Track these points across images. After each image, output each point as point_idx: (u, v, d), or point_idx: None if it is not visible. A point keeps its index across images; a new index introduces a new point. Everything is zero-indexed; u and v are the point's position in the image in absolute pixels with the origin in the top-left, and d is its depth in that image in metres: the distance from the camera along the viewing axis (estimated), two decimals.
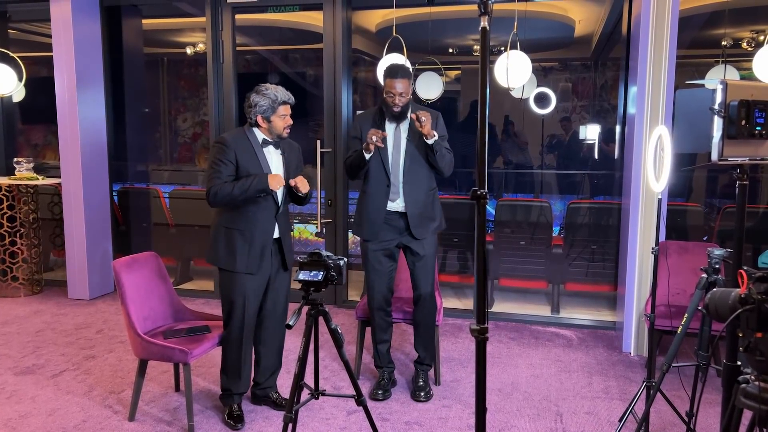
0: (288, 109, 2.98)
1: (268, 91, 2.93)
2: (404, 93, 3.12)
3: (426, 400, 3.35)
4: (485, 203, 1.59)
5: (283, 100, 2.94)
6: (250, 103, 2.94)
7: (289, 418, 2.34)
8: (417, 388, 3.40)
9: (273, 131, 2.98)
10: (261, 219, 2.98)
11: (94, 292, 5.31)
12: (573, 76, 8.89)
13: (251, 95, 2.95)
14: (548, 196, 7.74)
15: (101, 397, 3.38)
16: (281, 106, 2.94)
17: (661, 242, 3.86)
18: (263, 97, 2.92)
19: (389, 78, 3.12)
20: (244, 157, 2.94)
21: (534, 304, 5.23)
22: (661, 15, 3.79)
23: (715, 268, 2.44)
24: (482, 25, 1.52)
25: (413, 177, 3.23)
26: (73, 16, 5.00)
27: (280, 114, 2.95)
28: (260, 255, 2.99)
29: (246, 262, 2.96)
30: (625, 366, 3.85)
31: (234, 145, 2.94)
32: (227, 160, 2.92)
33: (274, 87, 2.96)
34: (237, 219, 2.98)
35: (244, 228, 2.97)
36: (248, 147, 2.96)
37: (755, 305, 1.33)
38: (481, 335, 1.58)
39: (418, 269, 3.34)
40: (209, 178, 2.93)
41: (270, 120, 2.95)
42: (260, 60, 8.79)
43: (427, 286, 3.36)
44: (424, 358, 3.46)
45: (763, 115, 1.74)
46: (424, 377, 3.45)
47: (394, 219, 3.28)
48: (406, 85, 3.12)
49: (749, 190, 5.99)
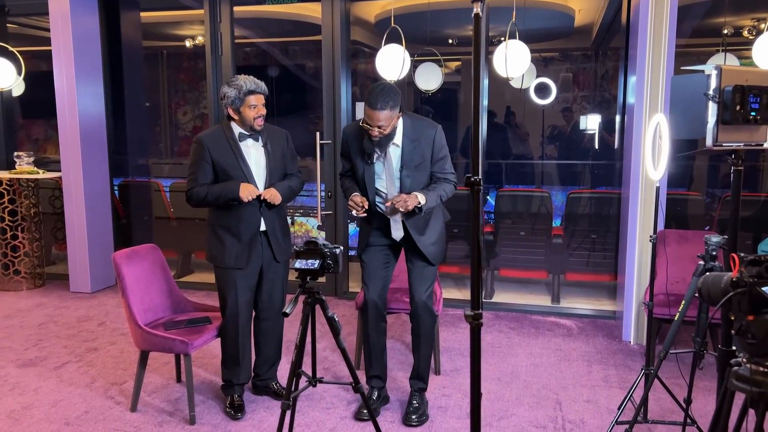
0: (258, 98, 2.89)
1: (237, 82, 2.86)
2: (384, 125, 2.69)
3: (419, 424, 2.96)
4: (479, 190, 1.60)
5: (249, 89, 2.85)
6: (221, 95, 2.90)
7: (287, 405, 2.35)
8: (410, 411, 3.00)
9: (245, 122, 2.91)
10: (245, 214, 2.97)
11: (96, 285, 5.34)
12: (573, 67, 8.87)
13: (222, 87, 2.90)
14: (549, 186, 7.74)
15: (103, 388, 3.40)
16: (250, 96, 2.86)
17: (661, 231, 3.86)
18: (231, 88, 2.86)
19: (367, 106, 2.68)
20: (220, 154, 2.91)
21: (534, 294, 5.24)
22: (660, 4, 3.78)
23: (712, 255, 2.44)
24: (475, 11, 1.52)
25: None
26: (71, 9, 5.00)
27: (249, 104, 2.87)
28: (248, 249, 3.00)
29: (234, 257, 2.98)
30: (625, 355, 3.86)
31: (209, 143, 2.91)
32: (203, 161, 2.91)
33: (244, 77, 2.89)
34: (223, 216, 2.99)
35: (229, 224, 2.98)
36: (224, 143, 2.93)
37: (747, 288, 1.34)
38: (475, 321, 1.59)
39: (414, 272, 3.01)
40: (187, 179, 2.97)
41: (240, 111, 2.89)
42: (260, 52, 8.77)
43: (422, 293, 2.98)
44: (419, 372, 3.09)
45: (758, 100, 1.73)
46: (419, 399, 3.06)
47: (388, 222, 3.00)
48: (383, 117, 2.67)
49: (750, 178, 6.01)
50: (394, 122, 2.75)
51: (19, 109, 6.88)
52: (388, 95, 2.67)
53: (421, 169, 2.89)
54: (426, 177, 2.93)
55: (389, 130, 2.73)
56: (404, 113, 2.86)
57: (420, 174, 2.90)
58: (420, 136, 2.85)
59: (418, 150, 2.86)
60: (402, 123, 2.83)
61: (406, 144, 2.84)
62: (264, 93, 2.94)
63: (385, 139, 2.77)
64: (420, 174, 2.90)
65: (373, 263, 3.05)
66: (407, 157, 2.84)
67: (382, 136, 2.73)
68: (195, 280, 5.66)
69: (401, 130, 2.84)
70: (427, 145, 2.85)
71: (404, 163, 2.85)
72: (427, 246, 2.97)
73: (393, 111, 2.69)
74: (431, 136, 2.86)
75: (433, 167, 2.92)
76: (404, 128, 2.84)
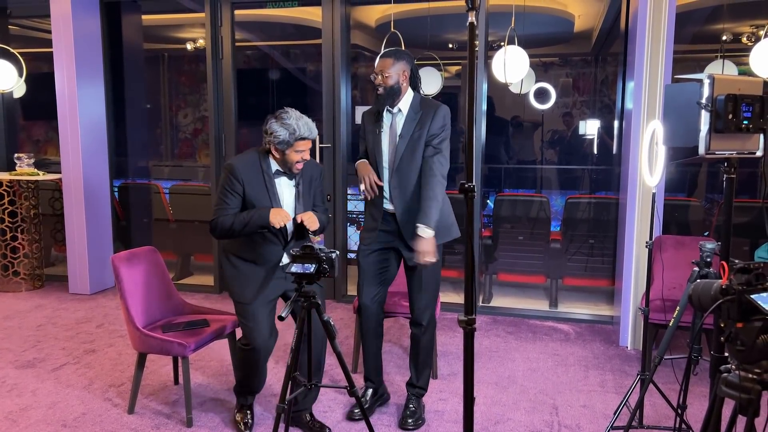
0: (307, 144, 2.69)
1: (289, 122, 2.63)
2: (384, 72, 2.86)
3: (415, 428, 2.99)
4: (473, 197, 1.61)
5: (302, 136, 2.64)
6: (266, 129, 2.67)
7: (282, 408, 2.36)
8: (407, 414, 3.03)
9: (285, 164, 2.73)
10: (266, 250, 2.80)
11: (95, 287, 5.35)
12: (573, 72, 8.89)
13: (270, 121, 2.67)
14: (548, 191, 7.75)
15: (101, 390, 3.41)
16: (299, 141, 2.65)
17: (658, 237, 3.87)
18: (282, 127, 2.63)
19: (378, 58, 2.95)
20: (252, 187, 2.73)
21: (532, 298, 5.25)
22: (658, 10, 3.80)
23: (706, 261, 2.46)
24: (470, 20, 1.54)
25: (402, 179, 2.92)
26: (72, 11, 5.02)
27: (297, 149, 2.67)
28: (262, 283, 2.82)
29: (248, 290, 2.81)
30: (622, 360, 3.87)
31: (243, 174, 2.71)
32: (234, 191, 2.72)
33: (298, 116, 2.66)
34: (239, 246, 2.82)
35: (245, 255, 2.82)
36: (259, 177, 2.74)
37: (736, 296, 1.35)
38: (468, 326, 1.61)
39: (413, 281, 3.00)
40: (215, 207, 2.77)
41: (285, 153, 2.69)
42: (261, 55, 8.81)
43: (421, 301, 2.99)
44: (417, 380, 3.11)
45: (750, 109, 1.75)
46: (416, 402, 3.08)
47: (387, 221, 3.00)
48: (390, 64, 2.87)
49: (749, 184, 6.02)
50: (400, 79, 2.90)
51: (20, 111, 6.91)
52: (397, 50, 2.95)
53: (416, 143, 2.90)
54: (418, 159, 2.91)
55: (392, 81, 2.88)
56: (418, 92, 3.02)
57: (414, 150, 2.90)
58: (425, 110, 2.95)
59: (419, 120, 2.93)
60: (412, 96, 2.98)
61: (410, 114, 2.96)
62: (314, 139, 2.74)
63: (389, 92, 2.89)
64: (414, 150, 2.90)
65: (368, 267, 3.04)
66: (408, 124, 2.94)
67: (385, 85, 2.88)
68: (194, 282, 5.67)
69: (409, 101, 2.97)
70: (427, 119, 2.92)
71: (404, 132, 2.93)
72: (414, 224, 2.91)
73: (397, 63, 2.88)
74: (434, 110, 2.93)
75: (428, 139, 2.90)
76: (413, 101, 2.97)
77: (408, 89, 2.95)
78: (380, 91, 2.90)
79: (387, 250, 3.05)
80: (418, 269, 2.95)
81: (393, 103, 2.93)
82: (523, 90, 6.10)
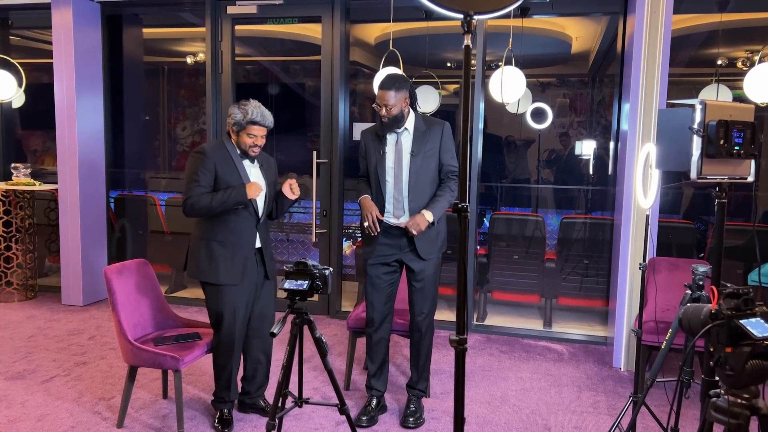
0: (260, 130, 2.94)
1: (246, 107, 2.91)
2: (389, 104, 3.01)
3: (415, 426, 3.16)
4: (466, 217, 1.62)
5: (253, 119, 2.90)
6: (228, 112, 2.97)
7: (272, 425, 2.35)
8: (408, 414, 3.21)
9: (240, 146, 2.97)
10: (241, 229, 2.96)
11: (88, 299, 5.33)
12: (570, 92, 8.96)
13: (232, 106, 2.97)
14: (544, 210, 7.77)
15: (91, 403, 3.39)
16: (252, 125, 2.91)
17: (652, 258, 3.88)
18: (239, 110, 2.92)
19: (378, 89, 3.08)
20: (223, 167, 2.93)
21: (526, 318, 5.24)
22: (654, 34, 3.84)
23: (699, 284, 2.46)
24: (465, 43, 1.55)
25: (419, 194, 3.10)
26: (74, 23, 5.06)
27: (249, 132, 2.92)
28: (243, 266, 2.98)
29: (229, 273, 2.94)
30: (615, 381, 3.86)
31: (213, 155, 2.93)
32: (207, 169, 2.90)
33: (256, 105, 2.93)
34: (217, 230, 2.96)
35: (224, 239, 2.95)
36: (227, 157, 2.96)
37: (725, 320, 1.36)
38: (460, 346, 1.61)
39: (416, 292, 3.18)
40: (187, 188, 2.91)
41: (239, 134, 2.95)
42: (261, 70, 8.86)
43: (423, 310, 3.19)
44: (417, 383, 3.29)
45: (742, 135, 1.77)
46: (416, 403, 3.27)
47: (395, 235, 3.14)
48: (392, 96, 3.01)
49: (744, 208, 6.04)
50: (402, 106, 3.05)
51: (18, 121, 6.92)
52: (396, 80, 3.06)
53: (430, 157, 3.11)
54: (434, 168, 3.14)
55: (396, 111, 3.03)
56: (417, 111, 3.19)
57: (429, 162, 3.11)
58: (429, 127, 3.15)
59: (428, 138, 3.12)
60: (414, 116, 3.16)
61: (417, 131, 3.13)
62: (267, 126, 2.96)
63: (393, 121, 3.05)
64: (429, 162, 3.11)
65: (378, 278, 3.20)
66: (418, 142, 3.11)
67: (390, 116, 3.03)
68: (188, 295, 5.65)
69: (413, 121, 3.14)
70: (436, 137, 3.12)
71: (415, 149, 3.10)
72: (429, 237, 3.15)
73: (399, 93, 3.02)
74: (440, 129, 3.14)
75: (441, 157, 3.14)
76: (416, 120, 3.15)
77: (410, 111, 3.14)
78: (385, 121, 3.07)
79: (390, 264, 3.20)
80: (418, 282, 3.16)
81: (399, 127, 3.11)
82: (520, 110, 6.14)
